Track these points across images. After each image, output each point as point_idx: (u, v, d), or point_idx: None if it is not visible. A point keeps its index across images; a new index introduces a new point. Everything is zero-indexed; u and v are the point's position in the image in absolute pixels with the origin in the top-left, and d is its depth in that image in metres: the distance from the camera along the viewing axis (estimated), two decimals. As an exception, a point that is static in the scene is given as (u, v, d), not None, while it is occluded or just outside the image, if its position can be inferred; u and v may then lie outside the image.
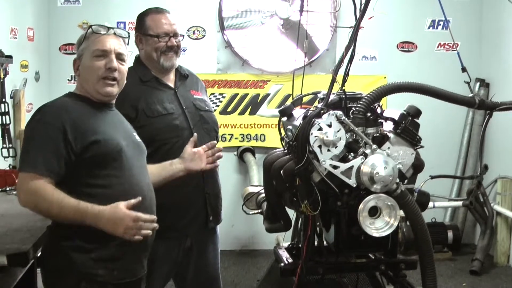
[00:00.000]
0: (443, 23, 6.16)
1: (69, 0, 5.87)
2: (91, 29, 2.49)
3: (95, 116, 2.44)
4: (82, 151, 2.32)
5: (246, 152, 6.12)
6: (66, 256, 2.33)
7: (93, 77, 2.45)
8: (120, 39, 2.54)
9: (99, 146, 2.35)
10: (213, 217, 3.14)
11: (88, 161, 2.33)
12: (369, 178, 2.22)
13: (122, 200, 2.30)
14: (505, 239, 5.82)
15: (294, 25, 5.62)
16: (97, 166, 2.35)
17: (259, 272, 5.45)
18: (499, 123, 5.55)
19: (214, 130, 3.20)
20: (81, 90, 2.51)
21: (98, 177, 2.36)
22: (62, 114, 2.35)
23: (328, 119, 2.26)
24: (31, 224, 2.80)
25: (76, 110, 2.40)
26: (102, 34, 2.48)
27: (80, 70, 2.50)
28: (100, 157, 2.35)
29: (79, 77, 2.52)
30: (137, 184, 2.46)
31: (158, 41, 3.04)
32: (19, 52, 4.86)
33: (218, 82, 6.10)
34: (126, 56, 2.55)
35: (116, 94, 2.54)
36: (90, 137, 2.34)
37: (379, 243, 2.39)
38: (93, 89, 2.47)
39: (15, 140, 4.62)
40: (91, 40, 2.48)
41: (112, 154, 2.39)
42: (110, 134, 2.42)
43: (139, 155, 2.57)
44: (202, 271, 3.17)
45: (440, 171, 5.40)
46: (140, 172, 2.52)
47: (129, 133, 2.59)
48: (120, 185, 2.39)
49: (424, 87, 2.44)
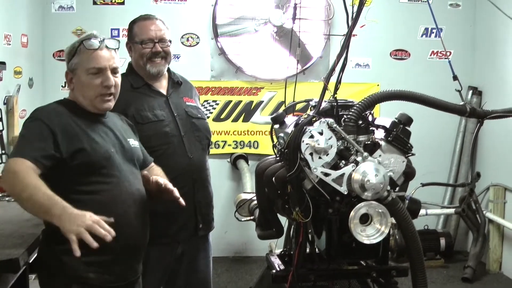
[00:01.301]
0: (436, 31, 6.19)
1: (63, 7, 5.88)
2: (82, 45, 2.49)
3: (85, 124, 2.48)
4: (69, 157, 2.35)
5: (239, 159, 6.13)
6: (58, 259, 2.35)
7: (91, 93, 2.50)
8: (112, 50, 2.55)
9: (86, 154, 2.38)
10: (203, 225, 3.15)
11: (75, 168, 2.37)
12: (360, 185, 2.22)
13: (111, 206, 2.34)
14: (497, 246, 5.84)
15: (288, 32, 5.64)
16: (84, 173, 2.39)
17: (252, 279, 5.44)
18: (491, 131, 5.59)
19: (206, 138, 3.20)
20: (75, 99, 2.55)
21: (86, 184, 2.39)
22: (54, 117, 2.41)
23: (320, 126, 2.26)
24: (23, 230, 2.80)
25: (67, 116, 2.45)
26: (94, 50, 2.49)
27: (75, 84, 2.53)
28: (87, 165, 2.38)
29: (74, 90, 2.55)
30: (126, 190, 2.48)
31: (142, 48, 3.05)
32: (12, 59, 4.86)
33: (211, 89, 6.11)
34: (119, 67, 2.59)
35: (112, 106, 2.59)
36: (76, 144, 2.38)
37: (370, 250, 2.39)
38: (91, 104, 2.52)
39: (8, 146, 4.61)
40: (84, 55, 2.49)
41: (100, 162, 2.41)
42: (98, 142, 2.45)
43: (130, 161, 2.58)
44: (193, 278, 3.17)
45: (433, 178, 5.42)
46: (130, 178, 2.53)
47: (121, 139, 2.60)
48: (108, 191, 2.42)
49: (415, 95, 2.45)
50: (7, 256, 2.42)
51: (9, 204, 3.43)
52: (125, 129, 2.72)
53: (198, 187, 3.09)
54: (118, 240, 2.28)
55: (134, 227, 2.48)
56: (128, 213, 2.45)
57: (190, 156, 3.06)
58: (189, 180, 3.03)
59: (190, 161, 3.06)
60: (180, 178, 2.98)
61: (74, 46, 2.52)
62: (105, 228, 2.13)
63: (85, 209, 2.17)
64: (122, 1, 5.92)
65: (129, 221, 2.46)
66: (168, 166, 2.89)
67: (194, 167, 3.08)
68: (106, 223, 2.15)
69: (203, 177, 3.15)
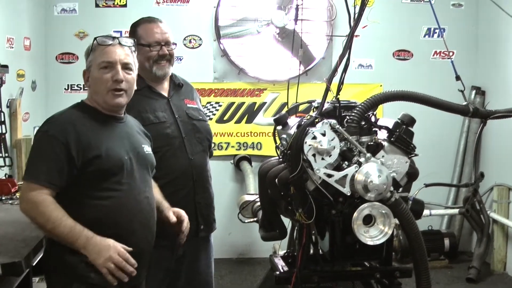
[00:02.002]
0: (438, 31, 6.18)
1: (65, 10, 5.88)
2: (96, 41, 2.51)
3: (101, 130, 2.49)
4: (84, 165, 2.38)
5: (243, 160, 6.12)
6: (60, 258, 2.38)
7: (102, 89, 2.49)
8: (126, 48, 2.55)
9: (101, 161, 2.40)
10: (205, 226, 3.15)
11: (89, 174, 2.39)
12: (363, 186, 2.22)
13: (118, 213, 2.40)
14: (502, 246, 5.82)
15: (290, 33, 5.64)
16: (98, 179, 2.41)
17: (255, 281, 5.44)
18: (495, 131, 5.58)
19: (207, 139, 3.20)
20: (91, 100, 2.55)
21: (98, 190, 2.41)
22: (68, 127, 2.40)
23: (322, 128, 2.26)
24: (26, 233, 2.80)
25: (82, 123, 2.45)
26: (107, 45, 2.50)
27: (90, 82, 2.54)
28: (101, 171, 2.41)
29: (89, 88, 2.57)
30: (135, 198, 2.50)
31: (149, 50, 3.05)
32: (15, 62, 4.86)
33: (214, 91, 6.11)
34: (133, 64, 2.58)
35: (125, 104, 2.58)
36: (92, 152, 2.39)
37: (373, 251, 2.39)
38: (103, 101, 2.51)
39: (11, 149, 4.62)
40: (97, 52, 2.51)
41: (112, 170, 2.43)
42: (113, 148, 2.46)
43: (144, 168, 2.60)
44: (194, 279, 3.17)
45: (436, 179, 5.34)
46: (141, 186, 2.55)
47: (137, 145, 2.61)
48: (117, 199, 2.43)
49: (418, 95, 2.45)
50: (10, 259, 2.43)
51: (12, 207, 3.44)
52: (142, 135, 2.73)
53: (198, 189, 3.09)
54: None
55: (138, 235, 2.49)
56: (133, 221, 2.47)
57: (191, 158, 3.07)
58: (189, 181, 3.04)
59: (190, 162, 3.06)
60: (180, 179, 3.00)
61: (90, 45, 2.55)
62: (130, 262, 2.35)
63: (94, 214, 2.36)
64: (124, 4, 5.92)
65: (133, 229, 2.48)
66: (169, 168, 2.89)
67: (195, 169, 3.08)
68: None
69: (204, 178, 3.16)
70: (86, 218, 2.34)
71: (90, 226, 2.33)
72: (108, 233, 2.36)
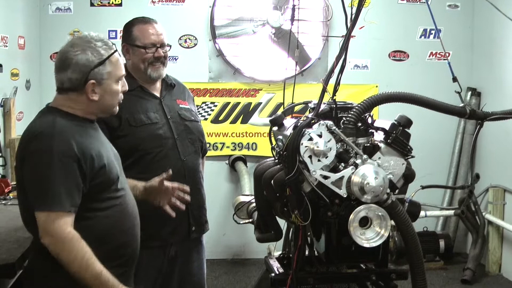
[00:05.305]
0: (434, 32, 6.18)
1: (60, 8, 5.86)
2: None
3: (92, 138, 2.34)
4: (93, 178, 2.25)
5: (238, 161, 6.11)
6: (52, 260, 2.22)
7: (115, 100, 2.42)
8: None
9: (105, 171, 2.29)
10: (196, 227, 3.14)
11: (95, 187, 2.27)
12: (360, 188, 2.21)
13: (122, 221, 2.35)
14: (497, 248, 5.83)
15: (286, 34, 5.63)
16: (101, 190, 2.30)
17: (250, 281, 5.43)
18: (491, 132, 5.57)
19: (199, 140, 3.19)
20: (68, 108, 2.33)
21: (101, 200, 2.31)
22: (71, 141, 2.21)
23: (319, 129, 2.25)
24: (19, 234, 2.78)
25: (78, 133, 2.27)
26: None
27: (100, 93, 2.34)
28: (106, 182, 2.31)
29: (94, 101, 2.35)
30: (131, 201, 2.46)
31: (145, 52, 3.03)
32: (9, 61, 4.84)
33: (209, 91, 6.09)
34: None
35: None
36: (98, 163, 2.27)
37: (369, 253, 2.38)
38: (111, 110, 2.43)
39: (5, 149, 4.60)
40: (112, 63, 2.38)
41: (114, 177, 2.35)
42: (108, 155, 2.37)
43: (121, 168, 2.51)
44: (186, 281, 3.17)
45: (432, 180, 5.39)
46: (128, 187, 2.51)
47: (110, 146, 2.52)
48: (119, 206, 2.37)
49: (415, 97, 2.44)
50: (3, 261, 2.41)
51: (5, 207, 3.42)
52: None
53: (190, 190, 3.06)
54: (126, 254, 2.27)
55: (137, 239, 2.46)
56: (135, 225, 2.44)
57: (183, 159, 3.05)
58: (181, 182, 3.02)
59: (183, 163, 3.04)
60: (172, 180, 2.97)
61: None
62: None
63: (103, 226, 2.27)
64: (119, 3, 5.90)
65: (135, 233, 2.45)
66: (161, 169, 2.86)
67: (187, 170, 3.06)
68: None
69: (196, 179, 3.14)
70: (95, 234, 2.24)
71: (101, 239, 2.24)
72: (116, 244, 2.31)
